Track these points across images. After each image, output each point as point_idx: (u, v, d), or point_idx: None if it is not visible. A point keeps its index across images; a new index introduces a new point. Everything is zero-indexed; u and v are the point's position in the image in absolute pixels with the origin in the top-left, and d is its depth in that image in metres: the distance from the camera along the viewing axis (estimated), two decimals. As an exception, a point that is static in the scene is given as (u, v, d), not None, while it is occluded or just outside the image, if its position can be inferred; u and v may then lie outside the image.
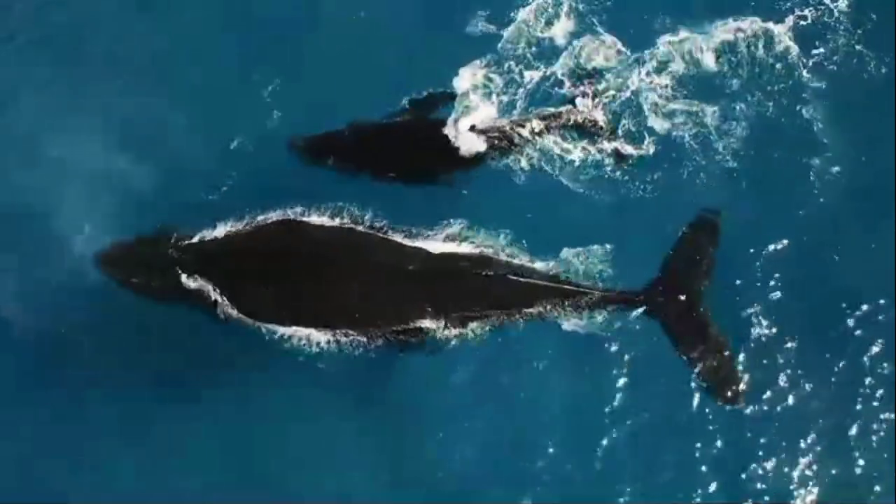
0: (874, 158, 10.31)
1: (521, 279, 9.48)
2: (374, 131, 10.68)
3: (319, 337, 9.60)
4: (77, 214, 10.37)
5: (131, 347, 10.18)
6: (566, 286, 9.53)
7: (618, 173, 10.30)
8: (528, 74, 10.69)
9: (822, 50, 10.65)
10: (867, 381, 9.58)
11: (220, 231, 9.86)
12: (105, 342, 10.19)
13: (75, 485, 9.83)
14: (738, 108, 10.48)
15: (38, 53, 11.28)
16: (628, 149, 10.33)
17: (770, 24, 10.71)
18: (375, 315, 9.52)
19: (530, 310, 9.51)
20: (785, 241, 9.99)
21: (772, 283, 9.86)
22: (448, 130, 10.42)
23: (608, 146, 10.36)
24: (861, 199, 10.14)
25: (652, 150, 10.34)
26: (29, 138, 10.88)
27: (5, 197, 10.70)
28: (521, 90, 10.64)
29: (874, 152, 10.33)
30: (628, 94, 10.55)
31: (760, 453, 9.46)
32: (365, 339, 9.59)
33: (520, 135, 10.41)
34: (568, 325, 9.59)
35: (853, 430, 9.46)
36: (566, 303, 9.49)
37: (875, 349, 9.65)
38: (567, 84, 10.66)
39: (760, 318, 9.75)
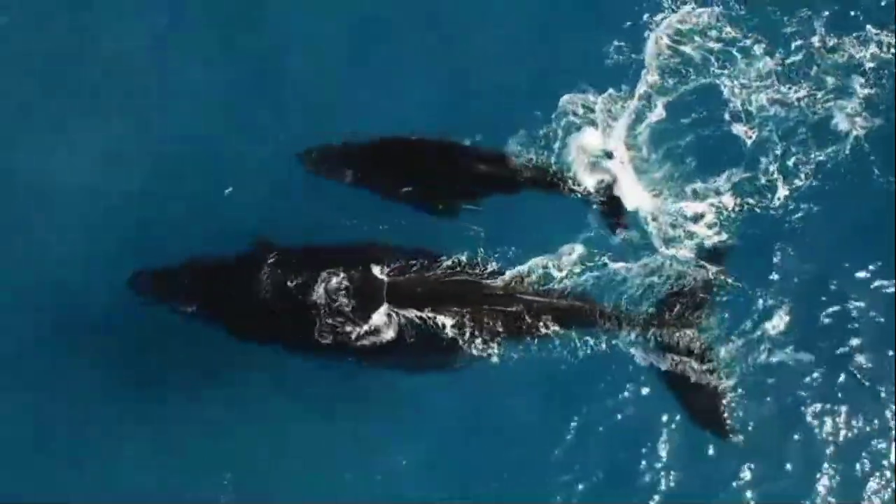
0: None
1: (540, 299, 9.31)
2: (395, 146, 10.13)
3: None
4: (75, 217, 10.42)
5: (131, 347, 10.14)
6: (578, 305, 9.39)
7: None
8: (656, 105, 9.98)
9: None
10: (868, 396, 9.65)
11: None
12: (105, 342, 10.15)
13: (75, 485, 9.82)
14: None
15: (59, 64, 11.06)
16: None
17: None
18: None
19: (543, 326, 9.35)
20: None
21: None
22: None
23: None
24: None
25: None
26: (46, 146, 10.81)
27: (9, 196, 10.66)
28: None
29: None
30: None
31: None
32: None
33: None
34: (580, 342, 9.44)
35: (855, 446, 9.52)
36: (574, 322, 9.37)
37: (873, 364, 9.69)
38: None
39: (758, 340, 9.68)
